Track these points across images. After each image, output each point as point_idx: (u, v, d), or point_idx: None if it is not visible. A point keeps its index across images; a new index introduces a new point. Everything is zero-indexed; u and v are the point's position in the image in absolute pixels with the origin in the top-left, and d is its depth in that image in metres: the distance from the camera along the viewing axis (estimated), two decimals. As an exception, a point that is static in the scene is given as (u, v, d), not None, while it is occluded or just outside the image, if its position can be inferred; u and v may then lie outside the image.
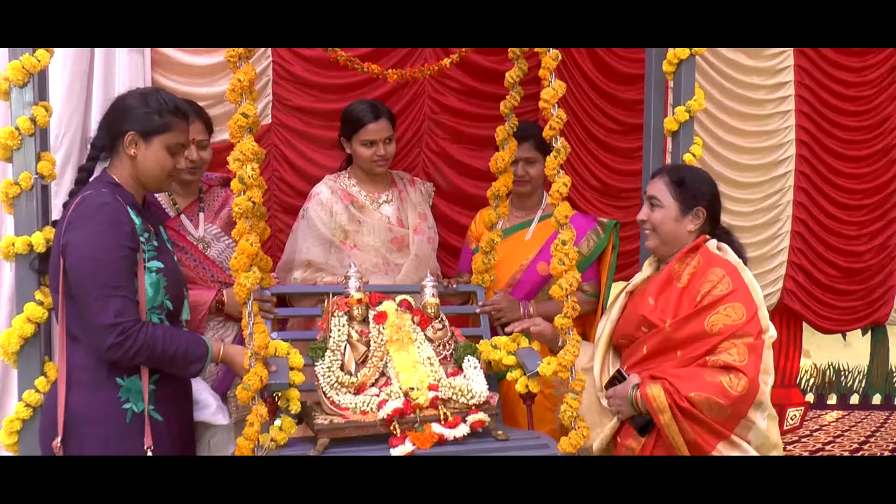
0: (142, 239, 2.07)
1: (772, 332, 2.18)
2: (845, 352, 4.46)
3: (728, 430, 2.12)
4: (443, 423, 2.20)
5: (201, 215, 2.69)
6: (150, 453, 2.01)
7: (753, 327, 2.15)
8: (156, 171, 2.12)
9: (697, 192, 2.35)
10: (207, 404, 2.34)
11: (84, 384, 2.02)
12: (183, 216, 2.66)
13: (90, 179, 2.16)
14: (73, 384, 2.02)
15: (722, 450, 2.13)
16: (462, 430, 2.20)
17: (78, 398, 2.01)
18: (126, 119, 2.10)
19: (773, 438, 2.21)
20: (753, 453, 2.15)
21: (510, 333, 2.53)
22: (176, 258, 2.27)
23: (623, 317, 2.42)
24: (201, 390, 2.37)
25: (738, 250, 2.34)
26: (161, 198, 2.65)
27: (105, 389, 2.03)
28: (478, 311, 2.78)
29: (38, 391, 2.11)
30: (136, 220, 2.07)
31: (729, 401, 2.09)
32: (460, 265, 3.15)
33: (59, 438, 1.98)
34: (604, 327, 2.46)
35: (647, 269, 2.49)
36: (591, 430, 2.31)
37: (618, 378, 2.29)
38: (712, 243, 2.32)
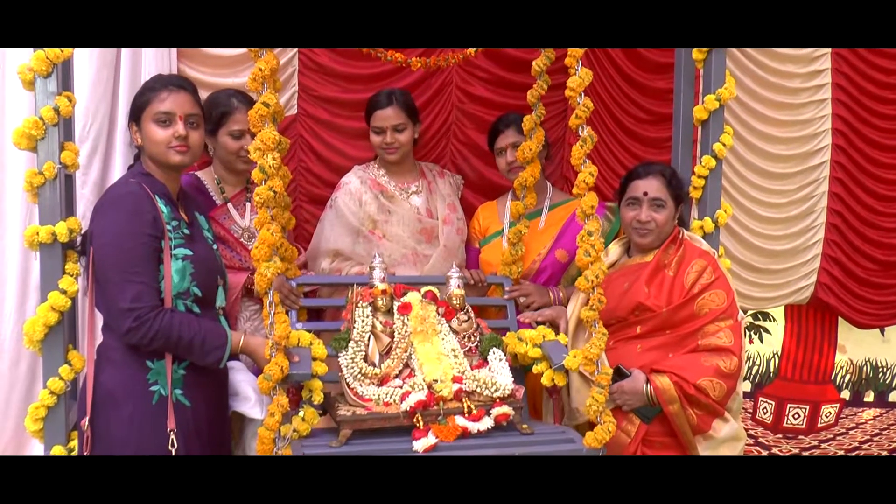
0: (169, 227, 2.11)
1: (742, 314, 2.48)
2: (883, 347, 4.33)
3: (723, 407, 2.38)
4: (466, 416, 2.18)
5: (248, 205, 2.73)
6: (172, 436, 2.05)
7: (733, 310, 2.44)
8: (153, 148, 2.16)
9: (681, 188, 2.55)
10: (247, 396, 2.30)
11: (116, 363, 2.09)
12: (230, 205, 2.70)
13: None
14: (107, 363, 2.09)
15: (716, 426, 2.39)
16: (486, 423, 2.18)
17: (109, 376, 2.08)
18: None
19: (740, 398, 2.49)
20: (737, 424, 2.43)
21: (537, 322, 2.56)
22: (216, 247, 2.31)
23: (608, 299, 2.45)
24: (243, 382, 2.33)
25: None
26: (210, 185, 2.70)
27: (135, 370, 2.08)
28: (506, 296, 2.79)
29: (61, 379, 2.13)
30: (165, 209, 2.12)
31: (725, 379, 2.35)
32: (467, 264, 3.04)
33: (86, 418, 2.05)
34: (575, 305, 2.57)
35: (614, 252, 2.65)
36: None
37: (617, 374, 2.38)
38: (685, 233, 2.57)
